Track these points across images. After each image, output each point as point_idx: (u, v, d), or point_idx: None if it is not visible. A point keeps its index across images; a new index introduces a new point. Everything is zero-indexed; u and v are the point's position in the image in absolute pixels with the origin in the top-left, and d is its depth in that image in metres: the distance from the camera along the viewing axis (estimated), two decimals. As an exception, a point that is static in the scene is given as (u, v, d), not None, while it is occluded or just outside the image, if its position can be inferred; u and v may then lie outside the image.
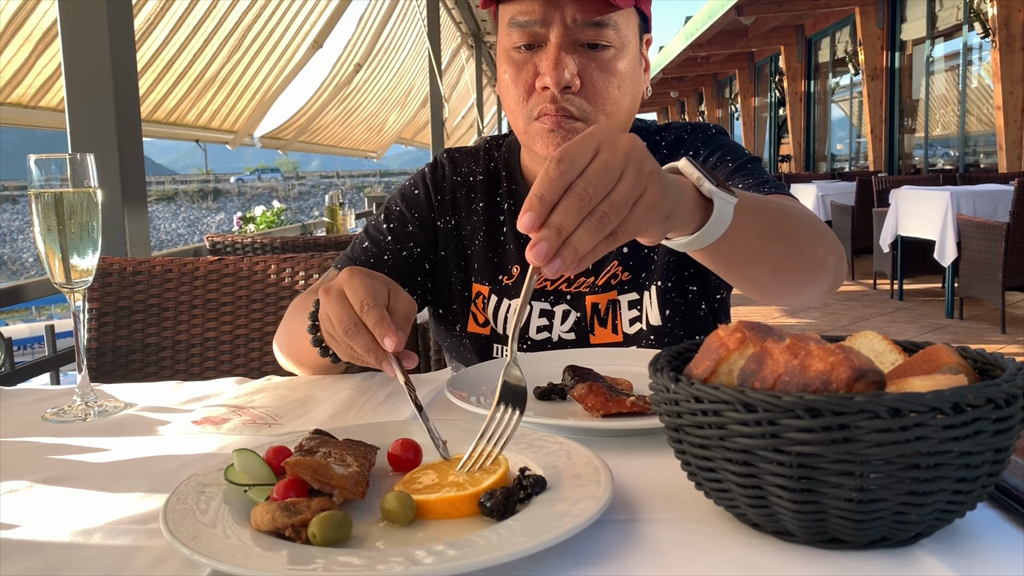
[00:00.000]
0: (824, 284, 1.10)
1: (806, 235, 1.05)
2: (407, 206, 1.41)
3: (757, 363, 0.64)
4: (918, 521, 0.61)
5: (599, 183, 0.71)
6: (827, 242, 1.09)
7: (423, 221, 1.40)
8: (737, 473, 0.63)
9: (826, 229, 1.11)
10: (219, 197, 53.89)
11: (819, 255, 1.06)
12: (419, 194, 1.42)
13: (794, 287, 1.07)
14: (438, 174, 1.43)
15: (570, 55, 1.19)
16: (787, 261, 1.03)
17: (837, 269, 1.11)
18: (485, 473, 0.74)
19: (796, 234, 1.04)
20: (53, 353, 2.35)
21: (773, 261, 1.01)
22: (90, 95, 2.29)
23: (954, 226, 6.10)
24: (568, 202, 0.70)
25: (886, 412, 0.57)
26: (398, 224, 1.39)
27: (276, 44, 7.51)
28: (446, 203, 1.41)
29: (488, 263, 1.38)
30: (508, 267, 1.37)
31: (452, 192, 1.41)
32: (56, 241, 1.06)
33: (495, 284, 1.38)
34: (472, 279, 1.39)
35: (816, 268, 1.07)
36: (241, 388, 1.20)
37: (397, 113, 13.49)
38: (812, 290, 1.09)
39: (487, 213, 1.40)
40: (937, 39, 11.52)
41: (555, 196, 0.71)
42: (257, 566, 0.60)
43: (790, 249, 1.03)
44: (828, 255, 1.08)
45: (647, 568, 0.62)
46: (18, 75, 4.79)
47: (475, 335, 1.39)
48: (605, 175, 0.72)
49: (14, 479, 0.85)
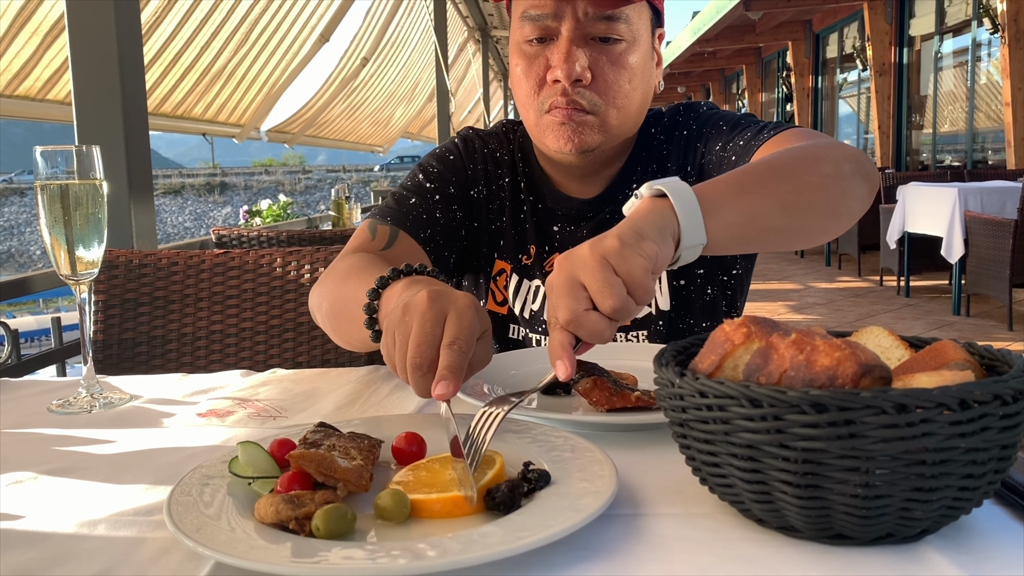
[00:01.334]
0: (857, 190, 1.04)
1: (801, 167, 1.00)
2: (445, 168, 1.38)
3: (762, 358, 0.64)
4: (924, 518, 0.61)
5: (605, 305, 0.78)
6: (831, 155, 1.04)
7: (461, 186, 1.38)
8: (742, 468, 0.63)
9: (826, 145, 1.07)
10: (225, 191, 53.95)
11: (827, 171, 1.01)
12: (454, 159, 1.40)
13: (824, 214, 1.01)
14: (470, 145, 1.42)
15: (581, 48, 1.20)
16: (794, 197, 0.98)
17: (860, 169, 1.05)
18: (479, 472, 0.74)
19: (788, 173, 0.99)
20: (59, 345, 2.35)
21: (779, 206, 0.97)
22: (97, 88, 2.29)
23: (961, 223, 6.08)
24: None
25: (892, 408, 0.57)
26: (440, 184, 1.36)
27: (283, 38, 7.50)
28: (479, 173, 1.40)
29: (511, 240, 1.39)
30: (527, 246, 1.38)
31: (484, 163, 1.41)
32: (62, 233, 1.06)
33: (516, 262, 1.38)
34: (495, 255, 1.40)
35: (834, 184, 1.01)
36: (246, 381, 1.20)
37: (403, 108, 13.48)
38: (848, 204, 1.03)
39: (511, 191, 1.40)
40: (946, 35, 11.46)
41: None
42: (261, 558, 0.60)
43: (790, 186, 0.98)
44: (840, 165, 1.03)
45: (651, 563, 0.62)
46: (25, 68, 4.80)
47: (493, 313, 1.40)
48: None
49: (18, 470, 0.85)
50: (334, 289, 1.15)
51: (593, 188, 1.36)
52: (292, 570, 0.58)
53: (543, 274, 1.36)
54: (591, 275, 0.77)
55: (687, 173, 1.33)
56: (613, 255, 0.78)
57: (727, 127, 1.29)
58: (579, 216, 1.36)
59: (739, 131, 1.26)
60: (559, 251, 1.37)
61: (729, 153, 1.24)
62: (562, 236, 1.37)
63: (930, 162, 11.78)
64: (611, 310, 0.77)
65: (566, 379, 0.78)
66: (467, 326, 0.82)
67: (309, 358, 1.81)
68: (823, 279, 9.12)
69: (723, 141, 1.27)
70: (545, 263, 1.37)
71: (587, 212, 1.36)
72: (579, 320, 0.77)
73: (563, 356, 0.77)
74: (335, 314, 1.14)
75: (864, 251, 8.59)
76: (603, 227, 1.35)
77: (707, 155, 1.30)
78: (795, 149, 1.05)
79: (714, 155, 1.28)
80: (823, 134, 1.16)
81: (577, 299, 0.77)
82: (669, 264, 0.87)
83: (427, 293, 0.83)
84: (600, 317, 0.77)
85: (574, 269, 0.79)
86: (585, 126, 1.23)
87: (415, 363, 0.80)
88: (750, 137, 1.22)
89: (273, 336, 1.83)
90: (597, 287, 0.77)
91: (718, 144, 1.27)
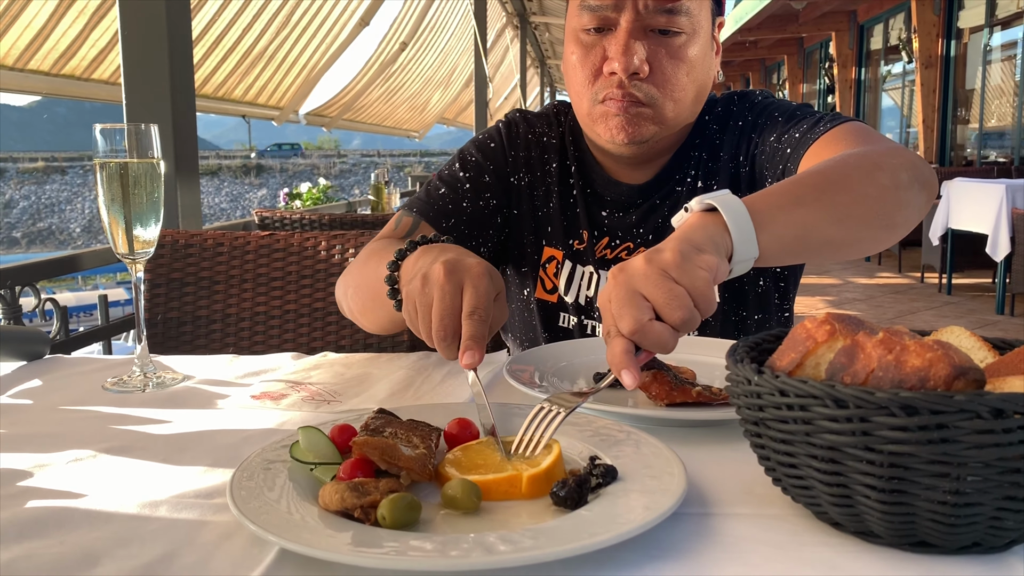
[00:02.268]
0: (914, 200, 1.01)
1: (856, 176, 0.97)
2: (483, 156, 1.38)
3: (848, 357, 0.61)
4: (1015, 527, 0.58)
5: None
6: (889, 163, 1.00)
7: (499, 174, 1.38)
8: (822, 471, 0.61)
9: (885, 152, 1.03)
10: (262, 173, 54.42)
11: (884, 182, 0.98)
12: (495, 147, 1.39)
13: (879, 225, 0.99)
14: (513, 130, 1.41)
15: (639, 41, 1.18)
16: (851, 209, 0.95)
17: (919, 177, 1.02)
18: (539, 457, 0.73)
19: (844, 183, 0.96)
20: (106, 322, 2.38)
21: (835, 219, 0.94)
22: (146, 66, 2.30)
23: (1009, 220, 5.94)
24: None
25: (988, 412, 0.54)
26: (475, 173, 1.36)
27: (323, 21, 7.52)
28: (520, 160, 1.39)
29: (560, 226, 1.37)
30: (579, 231, 1.36)
31: (527, 150, 1.40)
32: (120, 211, 1.06)
33: (568, 248, 1.37)
34: (544, 242, 1.38)
35: (891, 195, 0.98)
36: (298, 364, 1.19)
37: (440, 93, 13.47)
38: (905, 215, 1.00)
39: (559, 175, 1.38)
40: (995, 27, 11.19)
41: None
42: (326, 546, 0.59)
43: (846, 197, 0.95)
44: (898, 174, 0.99)
45: (726, 565, 0.60)
46: (72, 47, 4.85)
47: (542, 301, 1.39)
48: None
49: (78, 448, 0.85)
50: (357, 274, 1.21)
51: (644, 174, 1.34)
52: (360, 559, 0.57)
53: (595, 260, 1.34)
54: (654, 287, 0.75)
55: (739, 163, 1.30)
56: (673, 268, 0.76)
57: (783, 118, 1.26)
58: (628, 203, 1.34)
59: (795, 123, 1.22)
60: (608, 236, 1.35)
61: (784, 145, 1.21)
62: (611, 222, 1.35)
63: (975, 158, 11.54)
64: (680, 322, 0.75)
65: (632, 387, 0.76)
66: (484, 294, 0.86)
67: (352, 342, 1.80)
68: (862, 274, 8.99)
69: (778, 132, 1.24)
70: (596, 248, 1.35)
71: (636, 199, 1.34)
72: (644, 330, 0.75)
73: (628, 365, 0.75)
74: (360, 296, 1.18)
75: (905, 247, 8.45)
76: (652, 214, 1.33)
77: (761, 145, 1.27)
78: (851, 156, 1.02)
79: (768, 146, 1.25)
80: (880, 134, 1.13)
81: (641, 309, 0.75)
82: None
83: (443, 265, 0.87)
84: (665, 327, 0.75)
85: (632, 282, 0.77)
86: (640, 117, 1.21)
87: (440, 335, 0.85)
88: (806, 130, 1.19)
89: (317, 319, 1.83)
90: (664, 299, 0.75)
91: (772, 135, 1.24)
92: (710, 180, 1.32)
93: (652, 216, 1.34)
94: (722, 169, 1.31)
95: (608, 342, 0.77)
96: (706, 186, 1.32)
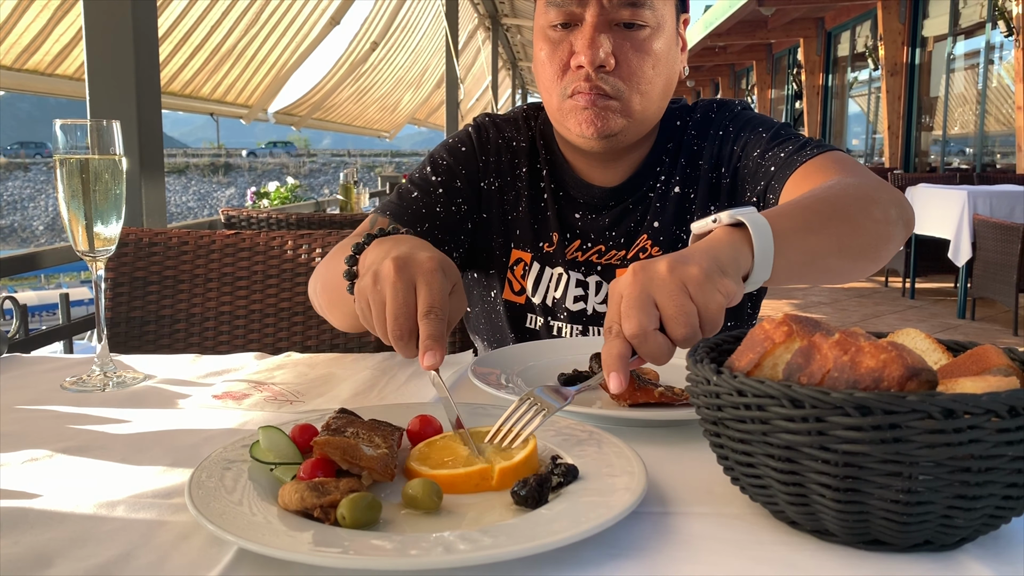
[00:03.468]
0: (898, 236, 1.07)
1: (857, 208, 1.02)
2: (455, 161, 1.38)
3: (805, 358, 0.62)
4: (965, 526, 0.60)
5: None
6: (881, 198, 1.05)
7: (470, 178, 1.38)
8: (779, 470, 0.62)
9: (875, 185, 1.08)
10: (230, 172, 53.85)
11: (877, 216, 1.03)
12: (466, 151, 1.40)
13: (869, 258, 1.03)
14: (483, 135, 1.41)
15: (605, 34, 1.20)
16: (850, 240, 1.00)
17: (903, 215, 1.07)
18: (511, 451, 0.74)
19: (848, 214, 1.00)
20: (67, 321, 2.34)
21: (837, 249, 0.98)
22: (111, 62, 2.27)
23: (970, 226, 6.05)
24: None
25: (939, 413, 0.55)
26: (447, 177, 1.36)
27: (293, 19, 7.46)
28: (490, 165, 1.40)
29: (530, 230, 1.38)
30: (549, 234, 1.37)
31: (496, 155, 1.40)
32: (80, 208, 1.05)
33: (537, 251, 1.37)
34: (512, 245, 1.39)
35: (882, 230, 1.03)
36: (261, 364, 1.18)
37: (411, 93, 13.43)
38: (889, 249, 1.06)
39: (529, 179, 1.39)
40: (959, 36, 11.40)
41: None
42: (285, 546, 0.59)
43: (848, 228, 0.99)
44: (888, 210, 1.04)
45: (683, 563, 0.60)
46: (35, 42, 4.77)
47: (509, 303, 1.39)
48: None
49: (34, 447, 0.84)
50: (324, 271, 1.21)
51: (616, 176, 1.35)
52: (319, 559, 0.57)
53: (566, 262, 1.35)
54: (669, 298, 0.76)
55: (720, 173, 1.33)
56: (693, 284, 0.76)
57: (767, 134, 1.29)
58: (601, 205, 1.35)
59: (779, 142, 1.26)
60: (580, 239, 1.35)
61: (768, 163, 1.25)
62: (583, 224, 1.36)
63: (939, 164, 11.73)
64: (682, 339, 0.76)
65: (617, 392, 0.77)
66: (438, 291, 0.84)
67: (318, 342, 1.79)
68: (828, 278, 9.09)
69: (762, 148, 1.27)
70: (567, 250, 1.35)
71: (609, 201, 1.35)
72: (646, 337, 0.75)
73: (619, 368, 0.76)
74: (326, 293, 1.18)
75: (870, 251, 8.56)
76: (625, 217, 1.34)
77: (743, 159, 1.30)
78: (849, 186, 1.06)
79: (751, 161, 1.28)
80: (862, 166, 1.17)
81: (649, 317, 0.75)
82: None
83: (393, 262, 0.86)
84: (665, 340, 0.76)
85: (651, 286, 0.77)
86: (608, 111, 1.23)
87: (396, 335, 0.84)
88: (792, 151, 1.22)
89: (283, 319, 1.82)
90: (673, 312, 0.75)
91: (756, 150, 1.28)
92: (689, 187, 1.34)
93: (625, 219, 1.35)
94: (702, 177, 1.34)
95: (607, 338, 0.78)
96: (683, 192, 1.34)
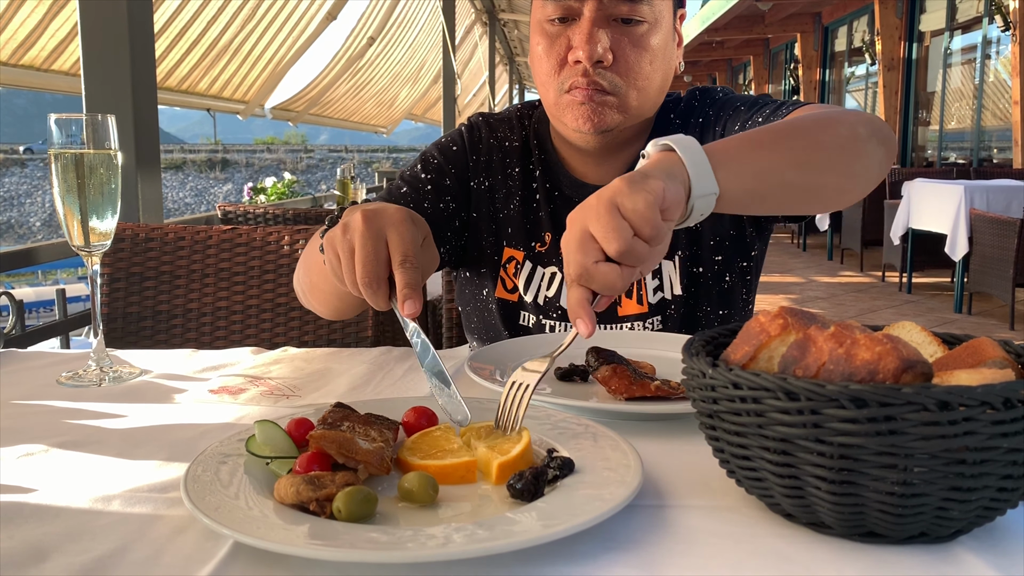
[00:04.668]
0: (872, 151, 1.06)
1: (815, 127, 1.02)
2: (445, 160, 1.39)
3: (800, 350, 0.62)
4: (960, 518, 0.60)
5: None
6: (847, 119, 1.05)
7: (459, 178, 1.39)
8: (774, 462, 0.62)
9: (843, 111, 1.08)
10: (227, 167, 53.74)
11: (842, 132, 1.03)
12: (457, 151, 1.40)
13: (838, 171, 1.02)
14: (475, 135, 1.42)
15: (603, 29, 1.20)
16: (808, 155, 0.99)
17: (876, 133, 1.06)
18: (507, 443, 0.73)
19: (802, 132, 1.00)
20: (64, 317, 2.34)
21: (793, 163, 0.97)
22: (106, 58, 2.26)
23: (967, 221, 6.06)
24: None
25: (935, 405, 0.55)
26: (436, 175, 1.37)
27: (290, 14, 7.44)
28: (481, 164, 1.40)
29: (522, 229, 1.38)
30: (541, 234, 1.37)
31: (488, 154, 1.40)
32: (75, 202, 1.04)
33: (529, 250, 1.37)
34: (504, 243, 1.39)
35: (848, 146, 1.03)
36: (257, 359, 1.18)
37: (408, 89, 13.39)
38: (863, 163, 1.04)
39: (522, 179, 1.39)
40: (956, 31, 11.39)
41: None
42: (281, 539, 0.59)
43: (802, 143, 0.99)
44: (855, 128, 1.04)
45: (679, 556, 0.60)
46: (31, 37, 4.75)
47: (503, 300, 1.39)
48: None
49: (29, 442, 0.84)
50: (306, 257, 1.22)
51: (610, 173, 1.35)
52: (314, 552, 0.57)
53: (559, 261, 1.35)
54: (597, 220, 0.76)
55: None
56: (618, 194, 0.77)
57: (745, 106, 1.29)
58: None
59: (757, 108, 1.26)
60: None
61: (748, 129, 1.23)
62: None
63: (935, 159, 11.74)
64: (616, 253, 0.75)
65: (588, 336, 0.76)
66: (409, 240, 0.86)
67: (315, 337, 1.79)
68: (825, 273, 9.10)
69: (741, 120, 1.27)
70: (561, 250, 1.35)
71: None
72: (589, 273, 0.76)
73: (582, 314, 0.76)
74: (308, 277, 1.18)
75: (867, 247, 8.57)
76: None
77: (726, 135, 1.29)
78: (809, 114, 1.06)
79: (732, 133, 1.27)
80: (841, 107, 1.17)
81: (586, 252, 0.76)
82: (684, 215, 0.85)
83: (362, 213, 0.88)
84: (611, 267, 0.76)
85: (585, 220, 0.77)
86: (605, 106, 1.23)
87: (365, 282, 0.85)
88: (768, 114, 1.22)
89: (280, 314, 1.81)
90: (603, 232, 0.75)
91: (736, 124, 1.28)
92: None
93: None
94: None
95: (567, 290, 0.78)
96: None
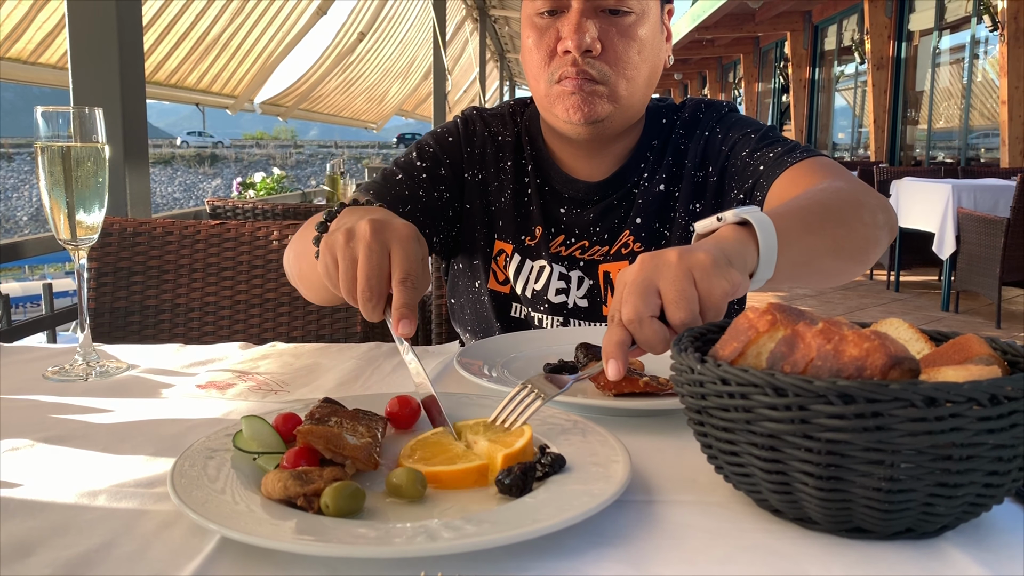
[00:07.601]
0: (883, 240, 1.11)
1: (850, 211, 1.05)
2: (441, 149, 1.40)
3: (788, 346, 0.62)
4: (946, 514, 0.60)
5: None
6: (869, 203, 1.09)
7: (454, 168, 1.39)
8: (762, 458, 0.62)
9: (863, 190, 1.12)
10: (216, 163, 53.51)
11: (867, 220, 1.06)
12: (452, 141, 1.41)
13: (858, 260, 1.07)
14: (470, 127, 1.42)
15: (591, 20, 1.21)
16: (844, 241, 1.03)
17: (888, 220, 1.12)
18: (508, 438, 0.73)
19: (842, 217, 1.04)
20: (51, 312, 2.32)
21: (832, 249, 1.02)
22: (94, 51, 2.25)
23: (954, 219, 6.09)
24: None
25: (921, 401, 0.55)
26: (432, 164, 1.37)
27: (280, 8, 7.41)
28: (475, 156, 1.41)
29: (513, 222, 1.39)
30: (532, 228, 1.38)
31: (482, 147, 1.41)
32: (62, 196, 1.04)
33: (519, 243, 1.38)
34: (495, 236, 1.40)
35: (871, 233, 1.07)
36: (245, 354, 1.18)
37: (399, 84, 13.38)
38: (876, 252, 1.10)
39: (514, 173, 1.40)
40: (944, 31, 11.45)
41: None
42: (268, 534, 0.58)
43: (842, 231, 1.03)
44: (876, 214, 1.08)
45: (667, 551, 0.61)
46: (18, 30, 4.72)
47: (495, 292, 1.40)
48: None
49: (15, 437, 0.83)
50: (297, 242, 1.21)
51: (600, 170, 1.35)
52: (302, 547, 0.57)
53: (550, 255, 1.35)
54: (671, 283, 0.76)
55: (708, 173, 1.35)
56: (700, 270, 0.77)
57: (755, 135, 1.31)
58: (586, 200, 1.36)
59: (768, 143, 1.28)
60: (564, 234, 1.36)
61: (756, 163, 1.27)
62: (568, 219, 1.36)
63: (924, 158, 11.80)
64: (680, 323, 0.76)
65: (615, 379, 0.77)
66: (413, 259, 0.84)
67: (304, 332, 1.79)
68: (813, 271, 9.13)
69: (751, 149, 1.29)
70: (551, 244, 1.36)
71: (594, 196, 1.36)
72: (642, 323, 0.76)
73: (617, 356, 0.76)
74: (298, 262, 1.17)
75: (855, 244, 8.60)
76: (609, 212, 1.34)
77: (732, 158, 1.32)
78: (841, 191, 1.09)
79: (739, 160, 1.30)
80: (848, 171, 1.21)
81: (647, 303, 0.76)
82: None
83: (370, 223, 0.85)
84: (662, 328, 0.76)
85: (656, 273, 0.77)
86: (595, 95, 1.24)
87: (365, 296, 0.83)
88: (780, 153, 1.25)
89: (268, 309, 1.81)
90: (674, 296, 0.75)
91: (744, 150, 1.30)
92: (673, 185, 1.36)
93: (609, 215, 1.35)
94: (686, 176, 1.35)
95: (609, 326, 0.79)
96: (668, 190, 1.35)
